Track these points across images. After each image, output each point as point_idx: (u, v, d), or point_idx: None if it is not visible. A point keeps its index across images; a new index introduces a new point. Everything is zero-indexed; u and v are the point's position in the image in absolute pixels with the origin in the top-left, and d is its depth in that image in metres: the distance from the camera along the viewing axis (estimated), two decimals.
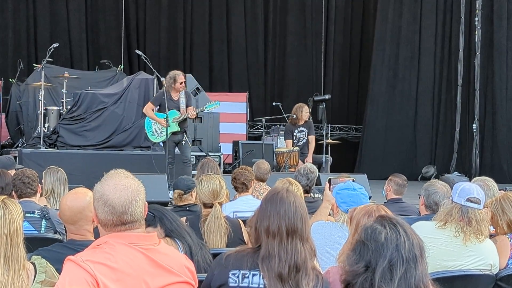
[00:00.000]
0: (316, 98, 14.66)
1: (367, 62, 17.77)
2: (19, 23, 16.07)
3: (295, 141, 11.62)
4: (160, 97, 10.21)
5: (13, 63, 14.70)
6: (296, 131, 11.67)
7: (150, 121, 10.25)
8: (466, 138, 16.45)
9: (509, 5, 16.28)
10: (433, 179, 5.93)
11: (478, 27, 15.86)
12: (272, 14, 17.94)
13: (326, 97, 14.93)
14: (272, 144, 13.32)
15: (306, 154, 11.61)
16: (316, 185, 6.95)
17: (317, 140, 12.27)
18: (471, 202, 4.09)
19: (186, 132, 10.17)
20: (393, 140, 16.96)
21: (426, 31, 17.01)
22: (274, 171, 10.63)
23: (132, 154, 11.61)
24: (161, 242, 2.72)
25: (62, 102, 12.09)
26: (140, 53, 11.48)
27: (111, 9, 16.80)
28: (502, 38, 16.23)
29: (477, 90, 15.97)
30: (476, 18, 15.86)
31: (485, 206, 4.25)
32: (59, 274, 2.64)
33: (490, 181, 5.51)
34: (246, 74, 17.65)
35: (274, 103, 13.81)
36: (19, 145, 12.15)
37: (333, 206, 4.25)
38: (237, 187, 6.30)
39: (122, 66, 14.63)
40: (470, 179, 8.65)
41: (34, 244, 3.63)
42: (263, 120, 13.77)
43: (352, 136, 17.98)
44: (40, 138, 11.38)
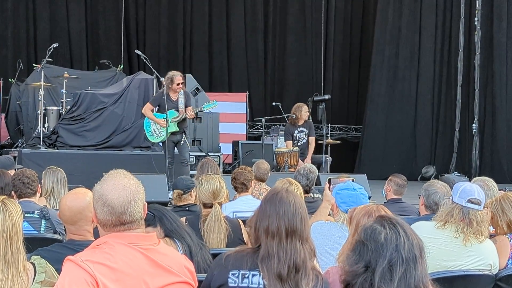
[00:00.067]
0: (316, 98, 14.67)
1: (367, 62, 17.76)
2: (19, 23, 16.07)
3: (295, 141, 11.61)
4: (159, 97, 10.21)
5: (13, 63, 14.70)
6: (296, 132, 11.65)
7: (149, 121, 10.25)
8: (466, 138, 16.43)
9: (509, 5, 16.28)
10: (433, 179, 5.92)
11: (478, 27, 15.84)
12: (272, 14, 17.93)
13: (326, 97, 14.94)
14: (272, 144, 13.31)
15: (306, 154, 11.60)
16: (316, 185, 6.95)
17: (317, 140, 12.26)
18: (472, 203, 4.08)
19: (185, 132, 10.16)
20: (393, 140, 16.95)
21: (426, 31, 17.00)
22: (274, 171, 10.63)
23: (131, 154, 11.62)
24: (160, 242, 2.72)
25: (62, 102, 12.09)
26: (139, 53, 11.48)
27: (111, 9, 16.80)
28: (502, 38, 16.23)
29: (477, 90, 15.96)
30: (476, 18, 15.85)
31: (485, 207, 4.24)
32: (59, 274, 2.64)
33: (490, 181, 5.50)
34: (246, 74, 17.64)
35: (274, 103, 13.80)
36: (19, 145, 12.15)
37: (332, 206, 4.25)
38: (236, 187, 6.30)
39: (122, 66, 14.63)
40: (470, 179, 8.64)
41: (33, 244, 3.63)
42: (263, 120, 13.77)
43: (352, 136, 17.97)
44: (39, 138, 11.38)
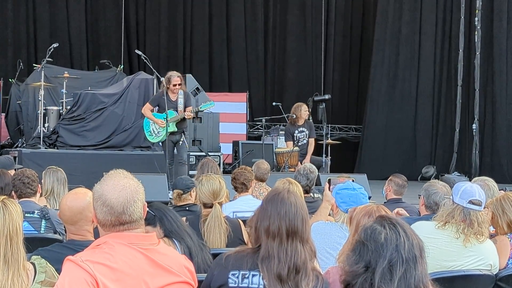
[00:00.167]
0: (316, 98, 14.66)
1: (367, 62, 17.76)
2: (19, 23, 16.07)
3: (295, 141, 11.60)
4: (158, 97, 10.21)
5: (13, 63, 14.69)
6: (296, 132, 11.64)
7: (148, 121, 10.25)
8: (466, 138, 16.43)
9: (509, 5, 16.27)
10: (433, 179, 5.92)
11: (478, 27, 15.84)
12: (272, 14, 17.93)
13: (326, 97, 14.93)
14: (272, 144, 13.30)
15: (306, 155, 11.58)
16: (316, 185, 6.95)
17: (317, 140, 12.25)
18: (473, 204, 4.06)
19: (184, 132, 10.15)
20: (393, 140, 16.95)
21: (426, 31, 17.00)
22: (274, 171, 10.63)
23: (132, 154, 11.62)
24: (160, 242, 2.72)
25: (62, 102, 12.09)
26: (140, 53, 11.48)
27: (111, 9, 16.80)
28: (502, 38, 16.22)
29: (477, 90, 15.95)
30: (476, 18, 15.85)
31: (485, 207, 4.23)
32: (59, 274, 2.64)
33: (491, 181, 5.49)
34: (246, 74, 17.64)
35: (274, 103, 13.80)
36: (19, 145, 12.14)
37: (332, 206, 4.25)
38: (237, 187, 6.30)
39: (122, 66, 14.64)
40: (470, 179, 8.63)
41: (34, 244, 3.62)
42: (263, 120, 13.76)
43: (352, 136, 17.97)
44: (40, 138, 11.38)
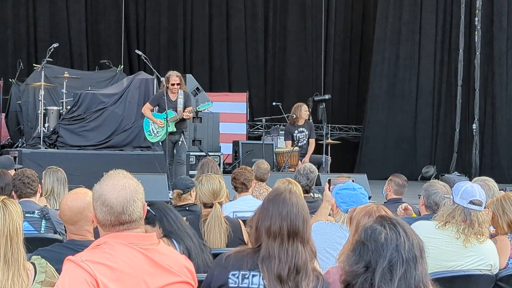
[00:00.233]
0: (316, 98, 14.66)
1: (367, 62, 17.76)
2: (19, 23, 16.07)
3: (295, 141, 11.60)
4: (158, 97, 10.22)
5: (13, 63, 14.69)
6: (296, 132, 11.64)
7: (148, 121, 10.26)
8: (466, 138, 16.43)
9: (509, 5, 16.27)
10: (433, 179, 5.91)
11: (478, 27, 15.85)
12: (272, 14, 17.93)
13: (326, 97, 14.93)
14: (272, 144, 13.30)
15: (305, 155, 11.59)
16: (316, 185, 6.95)
17: (317, 140, 12.26)
18: (474, 204, 4.05)
19: (183, 133, 10.14)
20: (393, 140, 16.95)
21: (426, 31, 17.00)
22: (274, 171, 10.63)
23: (132, 154, 11.62)
24: (160, 242, 2.72)
25: (62, 102, 12.09)
26: (140, 53, 11.48)
27: (111, 9, 16.80)
28: (502, 38, 16.22)
29: (477, 90, 15.96)
30: (476, 18, 15.85)
31: (486, 207, 4.23)
32: (59, 274, 2.64)
33: (491, 181, 5.48)
34: (246, 74, 17.64)
35: (274, 103, 13.80)
36: (19, 145, 12.14)
37: (332, 206, 4.25)
38: (237, 187, 6.30)
39: (122, 66, 14.63)
40: (470, 179, 8.62)
41: (34, 244, 3.62)
42: (263, 120, 13.77)
43: (352, 136, 17.97)
44: (40, 138, 11.37)
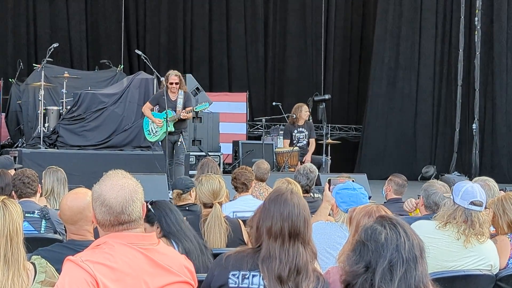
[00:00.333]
0: (316, 98, 14.66)
1: (367, 62, 17.76)
2: (19, 23, 16.08)
3: (295, 141, 11.60)
4: (158, 97, 10.22)
5: (13, 63, 14.69)
6: (295, 131, 11.65)
7: (148, 120, 10.26)
8: (466, 138, 16.43)
9: (509, 5, 16.28)
10: (432, 179, 5.91)
11: (478, 27, 15.85)
12: (272, 14, 17.94)
13: (326, 97, 14.93)
14: (272, 144, 13.31)
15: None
16: (316, 185, 6.95)
17: (317, 140, 12.26)
18: (475, 205, 4.04)
19: (182, 133, 10.12)
20: (393, 140, 16.95)
21: (426, 31, 17.00)
22: (274, 171, 10.62)
23: (132, 154, 11.62)
24: (160, 242, 2.72)
25: (62, 102, 12.09)
26: (140, 53, 11.48)
27: (111, 9, 16.80)
28: (502, 38, 16.23)
29: (477, 90, 15.96)
30: (476, 18, 15.86)
31: (486, 207, 4.23)
32: (59, 274, 2.64)
33: (491, 181, 5.48)
34: (246, 74, 17.64)
35: (274, 103, 13.81)
36: (19, 145, 12.15)
37: (332, 206, 4.25)
38: (237, 187, 6.30)
39: (122, 66, 14.63)
40: (470, 179, 8.62)
41: (34, 244, 3.62)
42: (263, 120, 13.78)
43: (352, 136, 17.97)
44: (40, 138, 11.38)
